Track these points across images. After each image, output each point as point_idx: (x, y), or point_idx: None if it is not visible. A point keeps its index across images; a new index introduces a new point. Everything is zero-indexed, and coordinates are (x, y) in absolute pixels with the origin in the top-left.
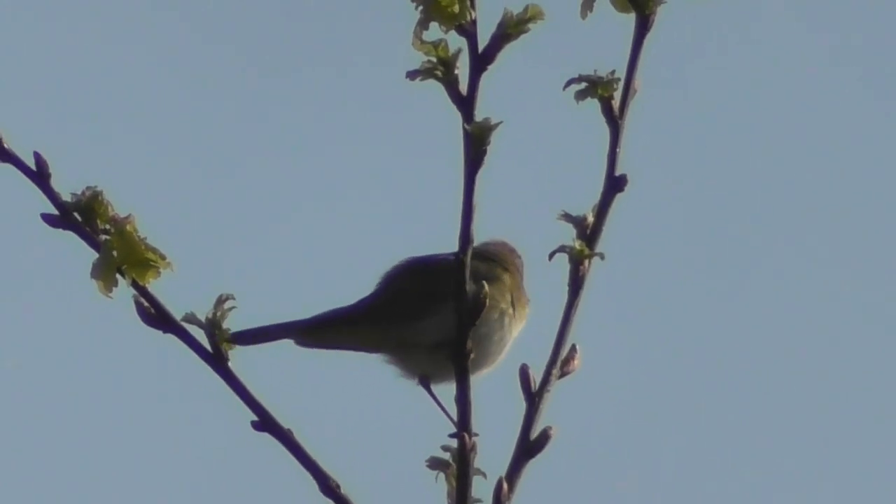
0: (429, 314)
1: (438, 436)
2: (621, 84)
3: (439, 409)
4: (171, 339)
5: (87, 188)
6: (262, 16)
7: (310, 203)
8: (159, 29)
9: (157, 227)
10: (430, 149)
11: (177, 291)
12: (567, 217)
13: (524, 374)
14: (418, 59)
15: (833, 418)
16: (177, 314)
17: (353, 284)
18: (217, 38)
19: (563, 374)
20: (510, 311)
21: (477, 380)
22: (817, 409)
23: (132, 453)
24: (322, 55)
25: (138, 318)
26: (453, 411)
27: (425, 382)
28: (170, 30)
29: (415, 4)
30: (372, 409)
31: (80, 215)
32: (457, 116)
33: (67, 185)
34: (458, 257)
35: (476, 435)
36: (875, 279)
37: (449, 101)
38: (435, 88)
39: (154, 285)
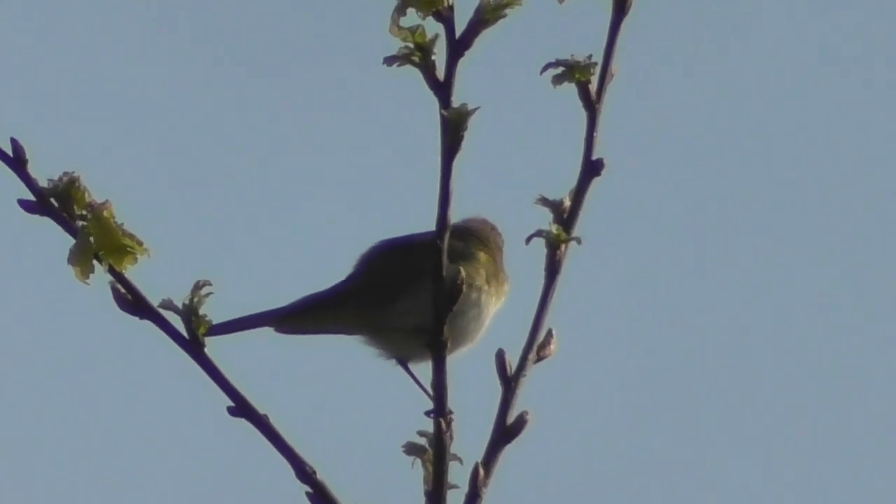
0: (404, 295)
1: (414, 421)
2: (598, 68)
3: (417, 386)
4: (148, 326)
5: (64, 174)
6: (236, 6)
7: (286, 189)
8: (134, 19)
9: (134, 213)
10: (407, 135)
11: (154, 278)
12: (544, 201)
13: (500, 358)
14: (395, 45)
15: (804, 394)
16: (153, 300)
17: (330, 269)
18: (188, 27)
19: (539, 359)
20: (486, 289)
21: (455, 358)
22: (792, 392)
23: (109, 439)
24: (298, 42)
25: (115, 305)
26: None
27: (403, 362)
28: (143, 20)
29: None
30: (348, 395)
31: (57, 201)
32: (434, 102)
33: (44, 171)
34: (436, 243)
35: (451, 413)
36: (852, 265)
37: (426, 86)
38: (412, 74)
39: (131, 271)
